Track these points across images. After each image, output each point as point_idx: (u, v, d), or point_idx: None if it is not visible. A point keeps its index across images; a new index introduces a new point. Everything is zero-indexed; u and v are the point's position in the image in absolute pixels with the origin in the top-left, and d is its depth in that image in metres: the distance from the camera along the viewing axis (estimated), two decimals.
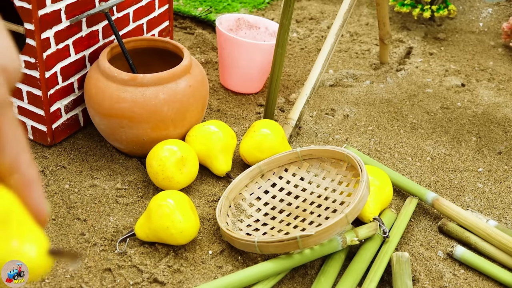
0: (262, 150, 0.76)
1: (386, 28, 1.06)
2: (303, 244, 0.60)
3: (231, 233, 0.64)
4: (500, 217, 0.76)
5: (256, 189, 0.75)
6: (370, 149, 0.87)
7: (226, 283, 0.59)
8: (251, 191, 0.75)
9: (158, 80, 0.72)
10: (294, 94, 1.01)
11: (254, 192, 0.75)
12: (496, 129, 0.95)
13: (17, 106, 0.78)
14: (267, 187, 0.75)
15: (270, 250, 0.62)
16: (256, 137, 0.77)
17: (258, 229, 0.69)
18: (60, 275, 0.61)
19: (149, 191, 0.74)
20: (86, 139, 0.82)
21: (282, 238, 0.61)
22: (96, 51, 0.80)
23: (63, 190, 0.73)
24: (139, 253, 0.65)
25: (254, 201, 0.74)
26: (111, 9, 0.80)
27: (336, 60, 1.15)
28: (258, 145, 0.77)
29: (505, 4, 1.41)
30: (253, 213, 0.72)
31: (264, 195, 0.75)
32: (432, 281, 0.65)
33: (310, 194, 0.74)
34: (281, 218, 0.71)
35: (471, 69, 1.16)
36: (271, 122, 0.79)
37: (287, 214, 0.71)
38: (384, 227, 0.67)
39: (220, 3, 1.34)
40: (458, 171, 0.84)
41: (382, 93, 1.04)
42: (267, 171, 0.77)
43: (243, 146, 0.78)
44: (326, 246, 0.63)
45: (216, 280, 0.60)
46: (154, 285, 0.61)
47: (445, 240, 0.72)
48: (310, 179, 0.76)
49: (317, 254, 0.63)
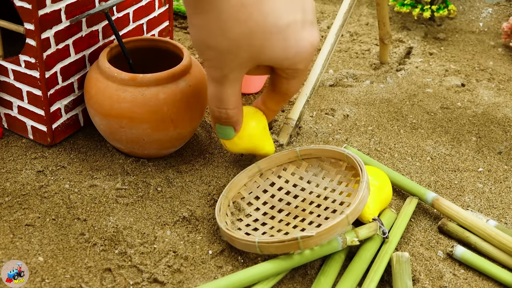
0: (241, 137, 0.71)
1: (386, 28, 1.06)
2: (304, 245, 0.60)
3: (231, 233, 0.64)
4: (500, 217, 0.76)
5: (255, 188, 0.75)
6: (370, 149, 0.88)
7: (226, 283, 0.59)
8: (250, 190, 0.75)
9: (158, 80, 0.72)
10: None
11: (253, 191, 0.75)
12: (496, 129, 0.95)
13: (17, 106, 0.78)
14: (266, 186, 0.75)
15: (270, 251, 0.62)
16: None
17: (257, 228, 0.69)
18: (60, 275, 0.61)
19: (149, 191, 0.74)
20: (86, 139, 0.82)
21: (283, 238, 0.61)
22: (96, 51, 0.80)
23: (63, 190, 0.73)
24: (139, 253, 0.65)
25: (252, 200, 0.74)
26: (111, 9, 0.80)
27: (336, 60, 1.15)
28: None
29: (505, 4, 1.41)
30: (251, 212, 0.72)
31: (263, 194, 0.74)
32: (432, 281, 0.65)
33: (310, 193, 0.73)
34: (280, 218, 0.70)
35: (471, 69, 1.16)
36: (253, 110, 0.74)
37: (286, 214, 0.71)
38: (383, 227, 0.67)
39: None
40: (458, 171, 0.84)
41: (382, 93, 1.04)
42: (265, 170, 0.76)
43: None
44: (326, 247, 0.63)
45: (216, 280, 0.60)
46: (154, 285, 0.61)
47: (445, 240, 0.72)
48: (309, 178, 0.75)
49: (317, 255, 0.63)
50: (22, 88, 0.76)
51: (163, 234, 0.68)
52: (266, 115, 0.71)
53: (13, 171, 0.75)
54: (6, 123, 0.81)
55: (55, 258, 0.63)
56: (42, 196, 0.71)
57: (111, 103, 0.72)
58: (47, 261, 0.63)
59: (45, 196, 0.71)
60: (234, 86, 0.60)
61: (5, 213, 0.68)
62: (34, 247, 0.64)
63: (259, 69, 0.63)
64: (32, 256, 0.63)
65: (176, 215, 0.71)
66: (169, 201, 0.73)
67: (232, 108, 0.63)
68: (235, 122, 0.65)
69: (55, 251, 0.64)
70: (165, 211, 0.71)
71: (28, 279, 0.60)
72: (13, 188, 0.72)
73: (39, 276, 0.61)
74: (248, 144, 0.70)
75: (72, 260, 0.63)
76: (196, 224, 0.70)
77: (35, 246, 0.64)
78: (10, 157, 0.77)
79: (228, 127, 0.65)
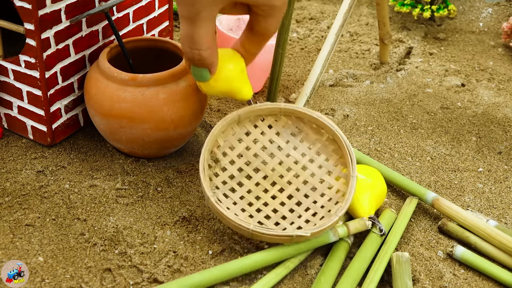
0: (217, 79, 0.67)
1: (386, 28, 1.06)
2: (296, 241, 0.64)
3: (223, 211, 0.64)
4: (500, 217, 0.76)
5: (230, 136, 0.73)
6: (370, 149, 0.88)
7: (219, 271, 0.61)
8: (226, 138, 0.72)
9: (158, 80, 0.72)
10: (294, 94, 1.01)
11: (229, 139, 0.72)
12: (496, 129, 0.95)
13: (17, 106, 0.78)
14: (241, 135, 0.73)
15: (262, 239, 0.64)
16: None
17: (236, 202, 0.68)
18: (60, 275, 0.61)
19: (149, 191, 0.74)
20: (86, 139, 0.82)
21: (278, 233, 0.63)
22: (96, 51, 0.80)
23: (63, 190, 0.73)
24: (139, 253, 0.65)
25: (227, 150, 0.72)
26: (111, 9, 0.80)
27: (336, 60, 1.15)
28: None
29: (505, 4, 1.41)
30: (227, 166, 0.71)
31: (238, 144, 0.73)
32: (432, 281, 0.65)
33: (287, 156, 0.73)
34: (257, 181, 0.70)
35: (471, 69, 1.16)
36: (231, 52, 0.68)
37: (263, 176, 0.71)
38: (380, 225, 0.68)
39: None
40: (458, 171, 0.84)
41: (382, 93, 1.04)
42: (243, 118, 0.74)
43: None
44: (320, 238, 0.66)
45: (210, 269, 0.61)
46: (154, 285, 0.61)
47: (445, 240, 0.72)
48: (287, 138, 0.74)
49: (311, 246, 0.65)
50: (22, 88, 0.76)
51: (163, 234, 0.68)
52: (245, 58, 0.66)
53: (13, 171, 0.75)
54: (6, 123, 0.81)
55: (55, 258, 0.63)
56: (42, 196, 0.71)
57: (111, 103, 0.72)
58: (47, 261, 0.63)
59: (45, 196, 0.71)
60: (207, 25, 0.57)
61: (5, 213, 0.68)
62: (34, 247, 0.64)
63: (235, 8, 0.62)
64: (32, 256, 0.63)
65: (176, 215, 0.71)
66: (169, 201, 0.73)
67: (205, 49, 0.59)
68: (209, 64, 0.61)
69: (55, 251, 0.64)
70: (165, 211, 0.71)
71: (28, 279, 0.60)
72: (13, 188, 0.72)
73: (39, 276, 0.61)
74: (224, 87, 0.66)
75: (72, 260, 0.63)
76: (196, 224, 0.70)
77: (35, 246, 0.64)
78: (10, 157, 0.77)
79: (203, 69, 0.62)
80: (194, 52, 0.59)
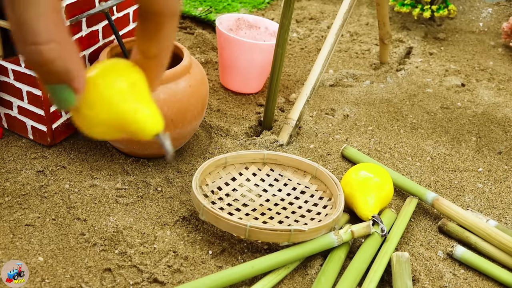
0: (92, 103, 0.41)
1: (386, 28, 1.06)
2: (293, 238, 0.63)
3: (218, 212, 0.64)
4: (500, 217, 0.76)
5: (217, 179, 0.75)
6: (370, 149, 0.87)
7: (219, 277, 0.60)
8: (214, 179, 0.75)
9: None
10: (294, 94, 1.01)
11: (216, 181, 0.75)
12: (496, 129, 0.95)
13: (17, 106, 0.78)
14: (227, 180, 0.76)
15: (259, 237, 0.63)
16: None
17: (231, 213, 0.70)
18: (60, 275, 0.61)
19: (149, 191, 0.74)
20: (86, 139, 0.82)
21: (275, 227, 0.62)
22: (96, 51, 0.80)
23: (63, 190, 0.73)
24: (139, 253, 0.65)
25: (215, 190, 0.74)
26: (111, 9, 0.80)
27: (336, 60, 1.15)
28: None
29: (505, 4, 1.41)
30: (216, 201, 0.72)
31: (225, 186, 0.75)
32: (432, 281, 0.65)
33: (273, 196, 0.75)
34: (246, 212, 0.71)
35: (471, 69, 1.16)
36: (115, 62, 0.43)
37: (252, 209, 0.72)
38: (382, 225, 0.68)
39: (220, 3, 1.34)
40: (458, 171, 0.84)
41: (382, 93, 1.04)
42: (229, 164, 0.77)
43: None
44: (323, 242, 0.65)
45: (213, 274, 0.60)
46: (154, 285, 0.61)
47: (445, 240, 0.72)
48: (270, 182, 0.77)
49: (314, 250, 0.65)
50: (22, 88, 0.76)
51: (163, 234, 0.68)
52: (144, 67, 0.41)
53: (13, 171, 0.75)
54: (6, 123, 0.81)
55: (55, 258, 0.63)
56: (42, 196, 0.71)
57: None
58: (47, 261, 0.63)
59: (45, 196, 0.71)
60: (44, 2, 0.34)
61: (5, 213, 0.68)
62: (34, 247, 0.64)
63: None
64: (32, 256, 0.63)
65: (176, 215, 0.71)
66: (169, 201, 0.73)
67: (46, 41, 0.34)
68: (64, 74, 0.36)
69: (55, 251, 0.64)
70: (165, 211, 0.71)
71: (28, 279, 0.60)
72: (13, 188, 0.72)
73: (39, 276, 0.61)
74: (107, 113, 0.40)
75: (72, 260, 0.63)
76: (196, 224, 0.70)
77: (35, 246, 0.64)
78: (10, 157, 0.77)
79: (61, 86, 0.36)
80: (31, 49, 0.34)
